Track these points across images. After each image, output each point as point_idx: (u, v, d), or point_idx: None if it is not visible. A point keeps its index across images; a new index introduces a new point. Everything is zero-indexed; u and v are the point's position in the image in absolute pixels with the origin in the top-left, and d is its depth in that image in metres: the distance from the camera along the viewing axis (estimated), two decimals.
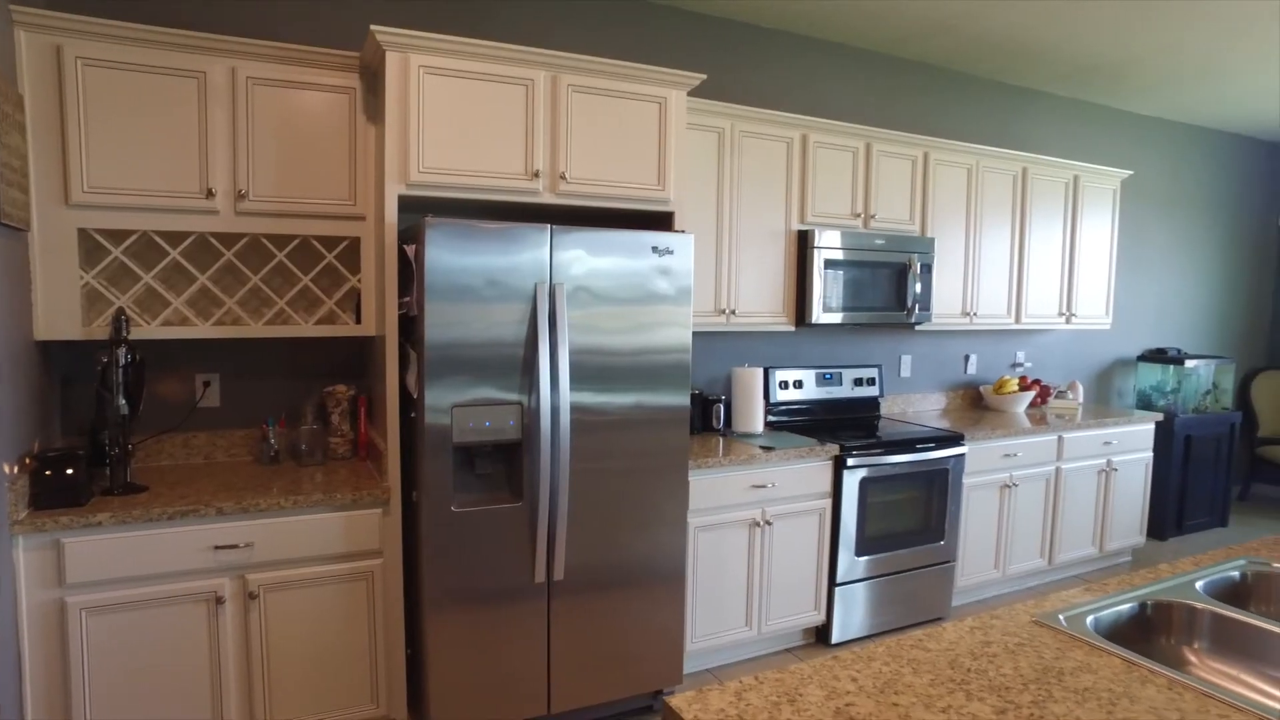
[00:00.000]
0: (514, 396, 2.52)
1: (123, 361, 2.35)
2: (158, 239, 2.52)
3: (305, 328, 2.68)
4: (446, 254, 2.38)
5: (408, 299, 2.52)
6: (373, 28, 2.38)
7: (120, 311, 2.38)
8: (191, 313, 2.60)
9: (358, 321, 2.78)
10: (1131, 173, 4.96)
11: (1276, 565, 1.89)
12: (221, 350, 2.86)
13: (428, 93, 2.48)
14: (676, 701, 1.20)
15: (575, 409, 2.61)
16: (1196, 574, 1.81)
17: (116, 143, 2.38)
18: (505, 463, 2.60)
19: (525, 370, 2.52)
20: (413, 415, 2.52)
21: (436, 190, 2.53)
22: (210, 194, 2.48)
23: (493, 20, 3.21)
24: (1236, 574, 1.85)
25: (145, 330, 2.48)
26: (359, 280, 2.74)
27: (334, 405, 2.90)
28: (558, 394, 2.54)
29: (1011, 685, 1.27)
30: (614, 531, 2.72)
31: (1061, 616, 1.54)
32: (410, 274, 2.49)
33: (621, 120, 2.79)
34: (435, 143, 2.50)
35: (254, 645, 2.35)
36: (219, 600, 2.29)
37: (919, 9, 3.55)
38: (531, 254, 2.50)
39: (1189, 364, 5.29)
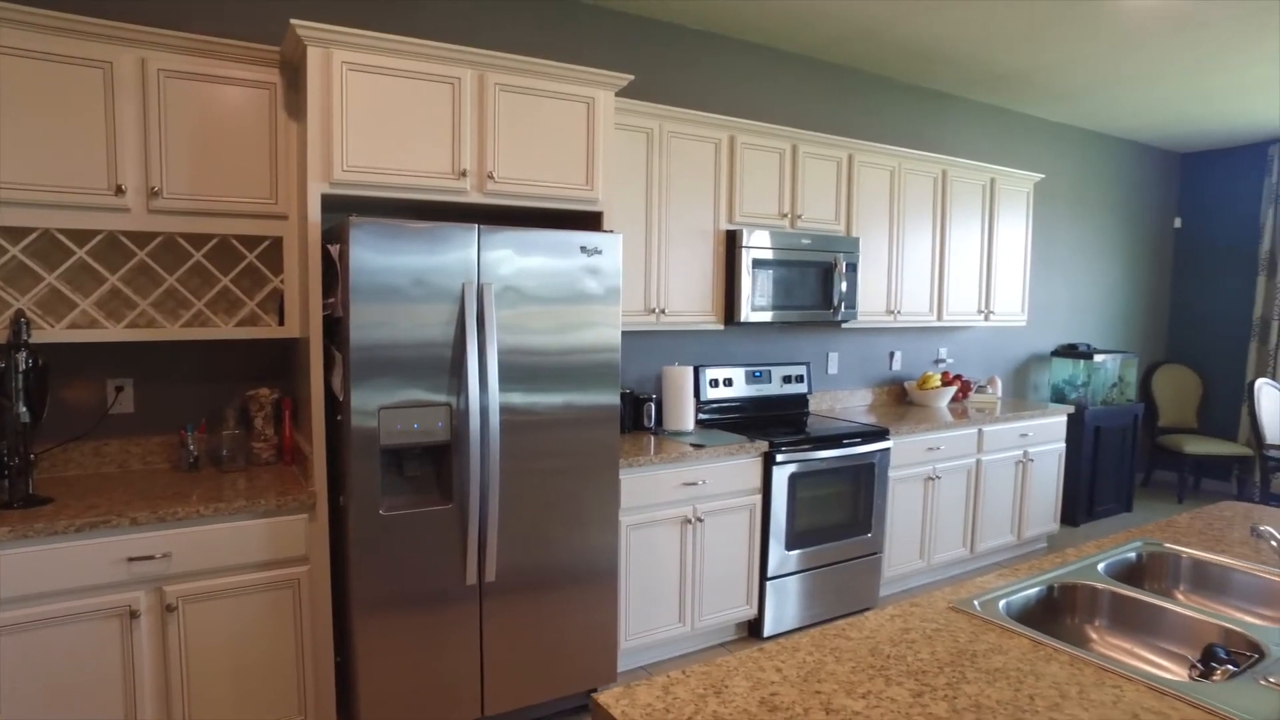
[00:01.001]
0: (442, 398, 2.49)
1: (23, 367, 2.24)
2: (61, 237, 2.40)
3: (225, 330, 2.60)
4: (372, 254, 2.34)
5: (332, 300, 2.47)
6: (293, 22, 2.32)
7: (19, 314, 2.27)
8: (101, 315, 2.49)
9: (281, 323, 2.71)
10: (1043, 176, 5.18)
11: (1168, 545, 2.00)
12: (135, 354, 2.75)
13: (351, 90, 2.43)
14: (604, 698, 1.21)
15: (505, 409, 2.60)
16: (1098, 557, 1.91)
17: (13, 135, 2.26)
18: (434, 465, 2.57)
19: (454, 371, 2.50)
20: (339, 418, 2.47)
21: (361, 189, 2.49)
22: (120, 190, 2.38)
23: (418, 17, 3.17)
24: (1133, 555, 1.96)
25: (49, 333, 2.36)
26: (282, 281, 2.67)
27: (257, 409, 2.82)
28: (487, 395, 2.53)
29: (928, 669, 1.32)
30: (546, 531, 2.72)
31: (976, 602, 1.61)
32: (335, 274, 2.44)
33: (549, 120, 2.78)
34: (360, 141, 2.46)
35: (173, 660, 2.27)
36: (133, 614, 2.20)
37: (842, 13, 3.64)
38: (458, 254, 2.48)
39: (1097, 359, 5.56)
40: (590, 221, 2.99)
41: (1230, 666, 1.44)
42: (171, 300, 2.68)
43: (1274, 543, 1.48)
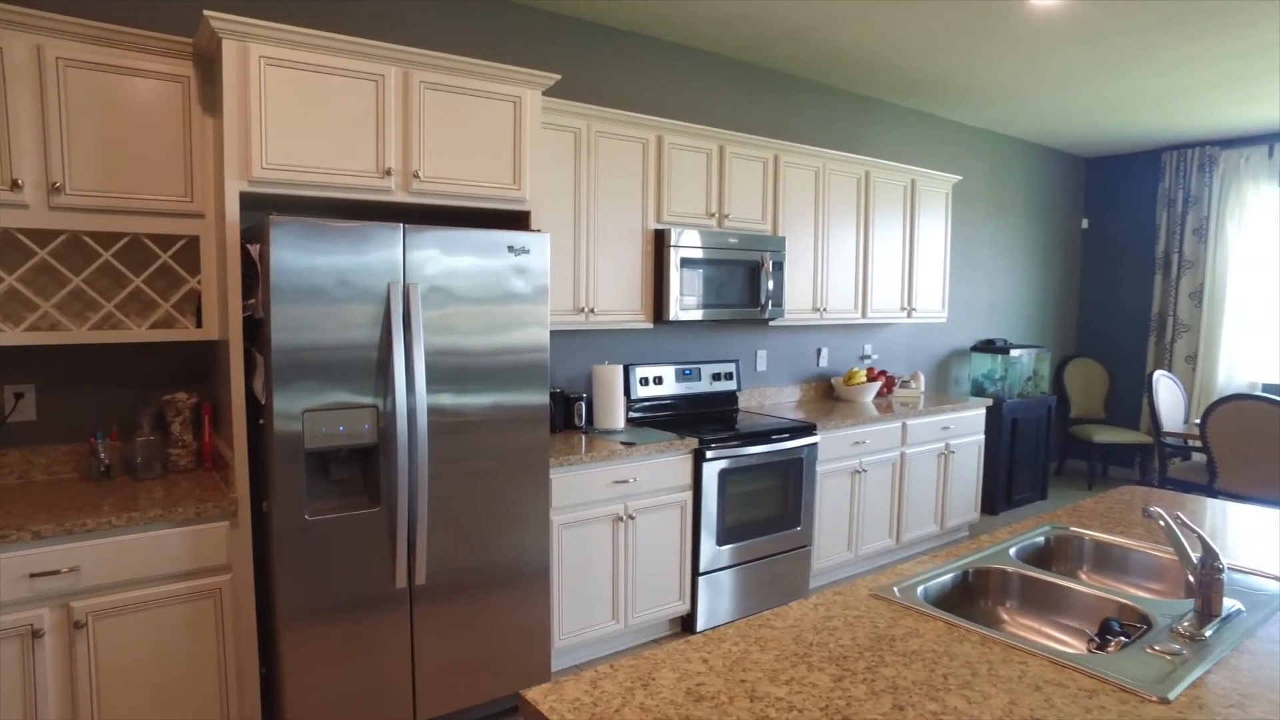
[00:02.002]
0: (369, 399, 2.45)
1: None
2: None
3: (138, 332, 2.50)
4: (293, 254, 2.29)
5: (253, 301, 2.40)
6: (206, 13, 2.25)
7: None
8: None
9: (199, 325, 2.62)
10: (961, 178, 5.37)
11: (1074, 529, 2.11)
12: (38, 358, 2.62)
13: (271, 85, 2.37)
14: (533, 694, 1.22)
15: (433, 410, 2.57)
16: (1010, 542, 2.00)
17: None
18: (362, 467, 2.53)
19: (380, 372, 2.46)
20: (261, 422, 2.40)
21: (282, 187, 2.43)
22: (16, 185, 2.26)
23: (341, 13, 3.10)
24: (1042, 539, 2.07)
25: None
26: (199, 281, 2.59)
27: (174, 414, 2.72)
28: (414, 396, 2.50)
29: (849, 654, 1.36)
30: (476, 533, 2.70)
31: (896, 589, 1.67)
32: (255, 275, 2.37)
33: (476, 119, 2.76)
34: (280, 138, 2.40)
35: (81, 680, 2.17)
36: (36, 634, 2.10)
37: (765, 17, 3.71)
38: (383, 253, 2.44)
39: (1014, 353, 5.79)
40: (518, 221, 2.98)
41: (1123, 638, 1.53)
42: (78, 302, 2.56)
43: (1162, 523, 1.58)
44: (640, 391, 3.93)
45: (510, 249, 2.69)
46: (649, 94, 4.01)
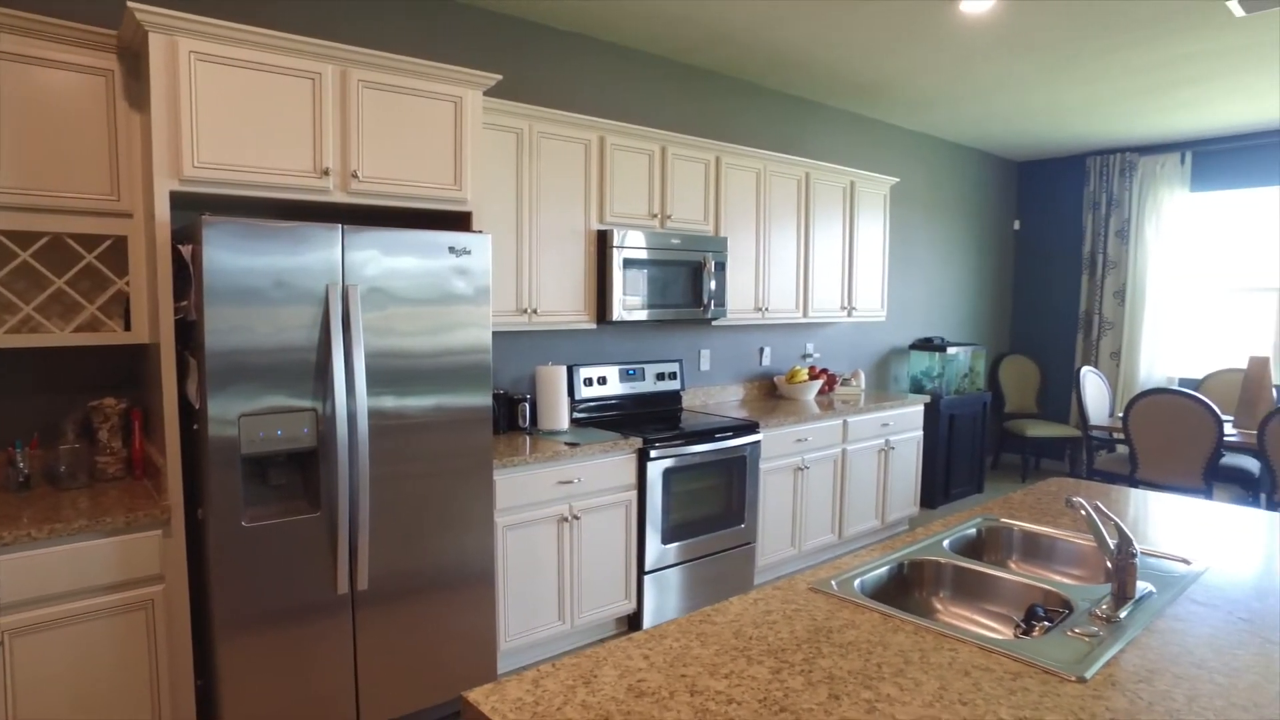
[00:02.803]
0: (308, 403, 2.41)
1: None
2: None
3: (61, 336, 2.42)
4: (227, 254, 2.24)
5: (185, 303, 2.34)
6: (130, 4, 2.18)
7: None
8: None
9: (127, 328, 2.54)
10: (899, 180, 5.51)
11: (1004, 520, 2.19)
12: None
13: (202, 82, 2.31)
14: (474, 695, 1.22)
15: (373, 413, 2.54)
16: (944, 534, 2.07)
17: None
18: (301, 472, 2.49)
19: (319, 375, 2.42)
20: (195, 427, 2.34)
21: (215, 187, 2.37)
22: None
23: (277, 9, 3.04)
24: (974, 531, 2.14)
25: None
26: (127, 283, 2.51)
27: (101, 421, 2.63)
28: (354, 399, 2.46)
29: (787, 647, 1.40)
30: (420, 536, 2.68)
31: (834, 582, 1.71)
32: (187, 276, 2.31)
33: (416, 119, 2.74)
34: (212, 136, 2.34)
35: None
36: None
37: (705, 20, 3.75)
38: (321, 254, 2.40)
39: (950, 351, 5.96)
40: (460, 222, 2.96)
41: (1047, 623, 1.60)
42: None
43: (1083, 512, 1.65)
44: (584, 392, 3.93)
45: (451, 250, 2.67)
46: (591, 95, 4.02)
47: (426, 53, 3.44)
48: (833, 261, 4.90)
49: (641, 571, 3.53)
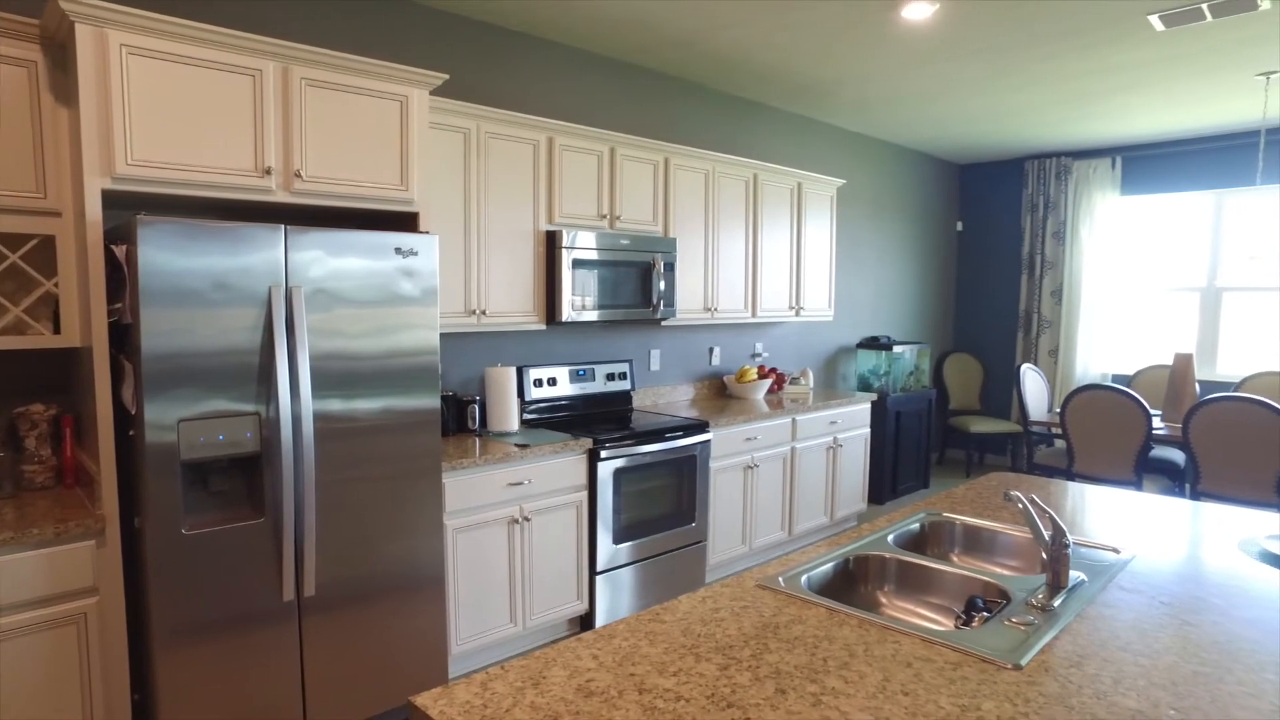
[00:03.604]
0: (251, 407, 2.36)
1: None
2: None
3: None
4: (164, 255, 2.18)
5: (119, 305, 2.27)
6: None
7: None
8: None
9: (56, 331, 2.45)
10: (845, 182, 5.61)
11: (946, 514, 2.25)
12: None
13: (134, 76, 2.25)
14: (422, 699, 1.21)
15: (319, 417, 2.50)
16: (889, 530, 2.11)
17: None
18: (244, 477, 2.43)
19: (262, 378, 2.37)
20: (131, 433, 2.27)
21: (150, 185, 2.30)
22: None
23: (216, 3, 2.96)
24: (917, 525, 2.19)
25: None
26: (56, 284, 2.42)
27: (29, 428, 2.53)
28: (299, 402, 2.42)
29: (735, 643, 1.41)
30: (367, 541, 2.64)
31: (781, 579, 1.73)
32: (121, 277, 2.24)
33: (361, 118, 2.70)
34: (146, 133, 2.27)
35: None
36: None
37: (652, 23, 3.77)
38: (264, 255, 2.35)
39: (897, 350, 6.08)
40: (406, 222, 2.93)
41: (985, 613, 1.65)
42: None
43: (1020, 505, 1.71)
44: (534, 393, 3.92)
45: (398, 251, 2.64)
46: (540, 95, 4.01)
47: (373, 51, 3.39)
48: (781, 262, 4.96)
49: (593, 572, 3.53)
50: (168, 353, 2.20)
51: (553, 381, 4.00)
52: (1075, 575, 1.73)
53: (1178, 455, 5.10)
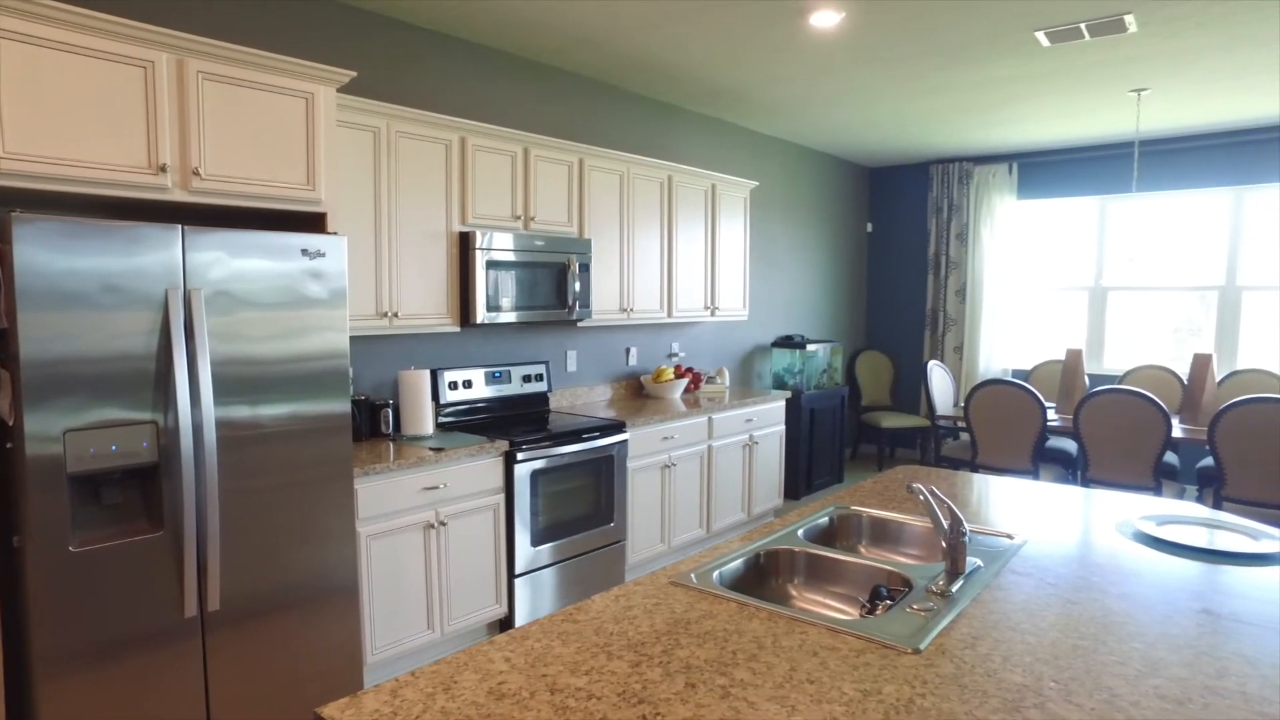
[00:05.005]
0: (147, 415, 2.25)
1: None
2: None
3: None
4: (45, 255, 2.06)
5: None
6: None
7: None
8: None
9: None
10: (758, 184, 5.72)
11: (854, 507, 2.33)
12: None
13: (8, 63, 2.11)
14: (329, 711, 1.18)
15: (222, 424, 2.40)
16: (799, 524, 2.17)
17: None
18: (141, 489, 2.32)
19: (160, 385, 2.27)
20: (9, 445, 2.14)
21: (28, 181, 2.17)
22: None
23: None
24: (826, 519, 2.26)
25: None
26: None
27: None
28: (199, 409, 2.32)
29: (647, 640, 1.43)
30: (276, 551, 2.55)
31: (693, 575, 1.76)
32: None
33: (265, 115, 2.61)
34: (23, 124, 2.14)
35: None
36: None
37: (563, 24, 3.76)
38: (159, 256, 2.25)
39: (810, 348, 6.24)
40: (314, 223, 2.85)
41: (889, 601, 1.71)
42: None
43: (921, 497, 1.78)
44: (450, 396, 3.86)
45: (304, 252, 2.56)
46: (454, 95, 3.96)
47: (278, 46, 3.28)
48: (696, 262, 5.03)
49: (512, 575, 3.50)
50: (50, 359, 2.08)
51: (468, 384, 3.95)
52: (973, 561, 1.81)
53: (1071, 445, 5.40)
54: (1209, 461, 4.76)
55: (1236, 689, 1.26)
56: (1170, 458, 5.14)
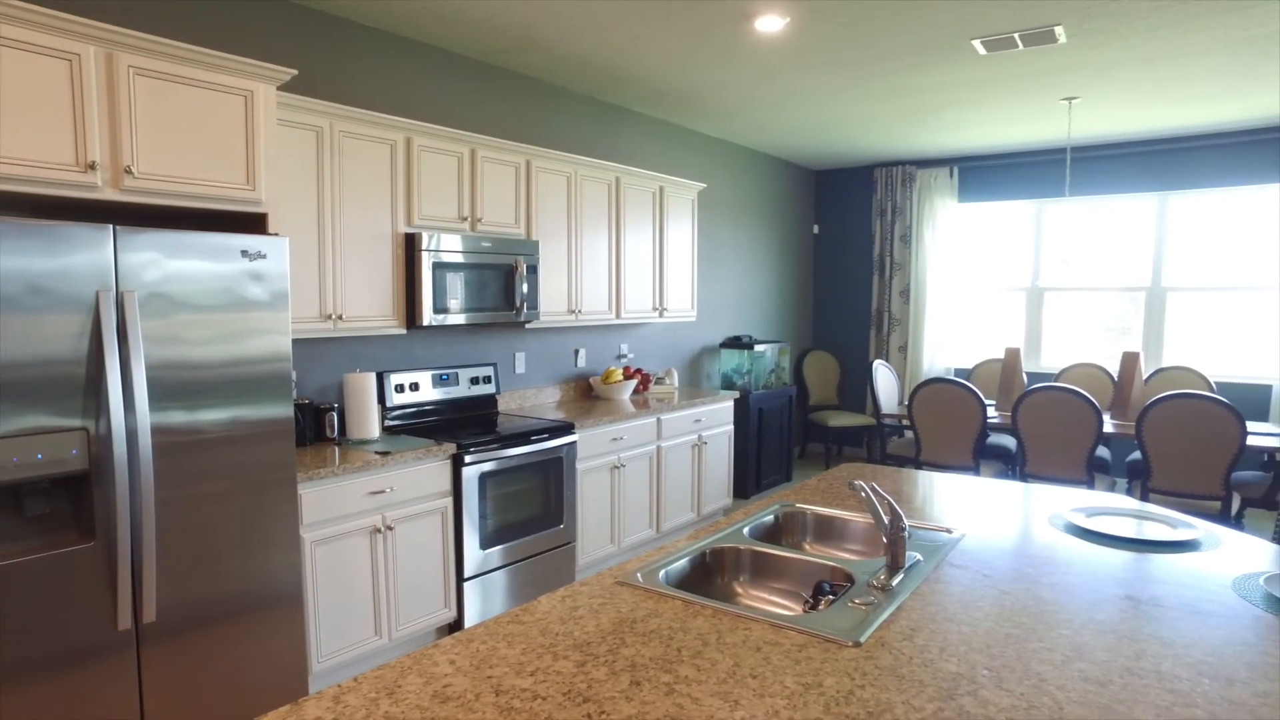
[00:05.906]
0: (76, 422, 2.18)
1: None
2: None
3: None
4: None
5: None
6: None
7: None
8: None
9: None
10: (706, 186, 5.77)
11: (799, 505, 2.37)
12: None
13: None
14: (269, 719, 1.16)
15: (158, 430, 2.34)
16: (745, 522, 2.20)
17: None
18: (69, 499, 2.24)
19: (90, 391, 2.20)
20: None
21: None
22: None
23: None
24: (771, 517, 2.29)
25: None
26: None
27: None
28: (133, 415, 2.26)
29: (593, 640, 1.44)
30: (216, 559, 2.49)
31: (639, 575, 1.78)
32: None
33: (202, 113, 2.55)
34: None
35: None
36: None
37: (509, 25, 3.74)
38: (89, 257, 2.18)
39: (758, 348, 6.31)
40: (255, 223, 2.79)
41: (831, 596, 1.75)
42: None
43: (863, 494, 1.83)
44: (396, 399, 3.82)
45: (244, 253, 2.51)
46: (399, 95, 3.91)
47: (216, 43, 3.20)
48: (644, 264, 5.05)
49: (461, 578, 3.48)
50: None
51: (415, 387, 3.91)
52: (912, 556, 1.86)
53: (1010, 441, 5.56)
54: (1138, 455, 4.96)
55: (1151, 669, 1.32)
56: (1103, 452, 5.34)
